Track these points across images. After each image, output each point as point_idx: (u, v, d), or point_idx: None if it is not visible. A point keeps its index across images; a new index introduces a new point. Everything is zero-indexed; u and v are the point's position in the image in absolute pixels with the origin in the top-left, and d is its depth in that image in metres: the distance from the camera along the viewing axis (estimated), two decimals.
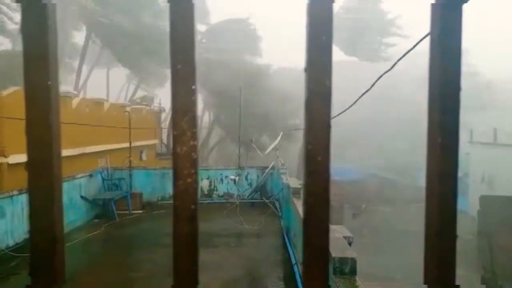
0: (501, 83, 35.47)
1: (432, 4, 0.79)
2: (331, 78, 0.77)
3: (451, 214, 0.83)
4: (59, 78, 0.83)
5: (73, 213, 9.45)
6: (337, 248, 4.43)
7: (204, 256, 7.51)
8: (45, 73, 0.79)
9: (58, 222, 0.83)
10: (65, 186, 9.25)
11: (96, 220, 10.13)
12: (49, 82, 0.79)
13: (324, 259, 0.80)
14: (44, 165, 0.80)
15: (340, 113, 5.57)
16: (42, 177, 0.80)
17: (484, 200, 16.40)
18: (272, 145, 13.17)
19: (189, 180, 0.84)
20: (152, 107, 23.16)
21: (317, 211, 0.79)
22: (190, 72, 0.78)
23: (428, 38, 0.81)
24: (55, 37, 0.80)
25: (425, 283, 0.82)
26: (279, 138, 13.53)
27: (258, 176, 12.56)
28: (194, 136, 0.81)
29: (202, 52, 25.12)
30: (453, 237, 0.82)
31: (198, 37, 26.56)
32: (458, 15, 0.79)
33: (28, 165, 0.80)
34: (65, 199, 9.09)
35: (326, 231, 0.80)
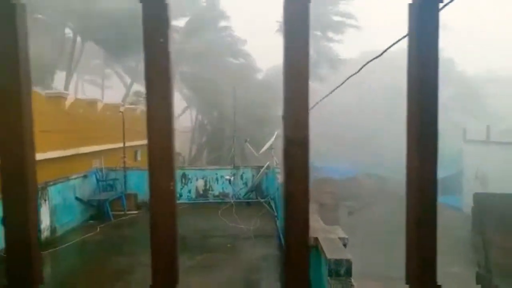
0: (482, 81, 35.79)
1: (409, 4, 0.80)
2: (308, 126, 0.77)
3: (431, 214, 0.83)
4: (31, 80, 0.81)
5: (68, 214, 9.39)
6: (332, 249, 4.44)
7: (200, 256, 7.50)
8: (15, 75, 0.77)
9: (32, 226, 0.82)
10: (59, 187, 9.20)
11: (91, 221, 10.07)
12: (20, 85, 0.77)
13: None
14: (17, 170, 0.79)
15: (323, 98, 5.58)
16: (16, 182, 0.79)
17: (478, 198, 16.52)
18: (267, 145, 13.16)
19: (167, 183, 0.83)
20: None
21: (297, 254, 0.79)
22: (166, 85, 0.77)
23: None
24: (26, 38, 0.79)
25: (407, 283, 0.83)
26: (273, 137, 13.53)
27: (253, 176, 12.56)
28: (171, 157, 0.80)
29: (186, 47, 24.70)
30: (433, 238, 0.83)
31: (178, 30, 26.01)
32: (434, 15, 0.80)
33: (1, 170, 0.79)
34: (59, 200, 9.07)
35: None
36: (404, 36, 4.14)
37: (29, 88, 0.81)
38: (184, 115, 31.10)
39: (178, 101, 27.97)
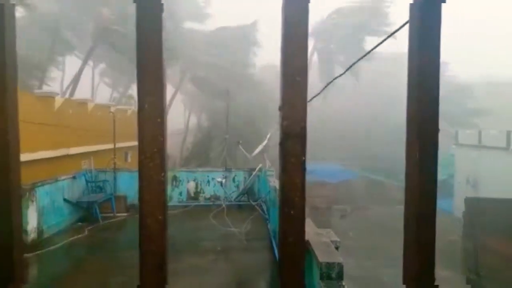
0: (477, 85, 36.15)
1: (411, 4, 0.74)
2: (306, 118, 0.71)
3: (429, 217, 0.77)
4: (17, 80, 0.74)
5: (56, 216, 9.23)
6: (324, 253, 4.38)
7: (190, 259, 7.39)
8: (0, 75, 0.70)
9: (16, 225, 0.74)
10: (48, 188, 9.03)
11: (80, 223, 9.91)
12: (5, 85, 0.70)
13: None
14: (1, 171, 0.71)
15: (317, 94, 5.51)
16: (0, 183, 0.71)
17: (470, 202, 16.59)
18: (260, 147, 13.09)
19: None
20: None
21: (293, 255, 0.71)
22: (159, 110, 0.70)
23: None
24: (13, 38, 0.72)
25: (404, 283, 0.78)
26: (266, 139, 13.46)
27: (245, 178, 12.47)
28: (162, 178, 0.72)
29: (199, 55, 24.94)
30: (432, 239, 0.77)
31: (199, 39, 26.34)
32: (436, 14, 0.74)
33: None
34: (47, 201, 8.90)
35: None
36: (389, 36, 4.09)
37: (15, 93, 0.75)
38: (177, 117, 31.02)
39: (175, 103, 27.89)
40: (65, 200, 9.77)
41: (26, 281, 0.89)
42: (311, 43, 29.76)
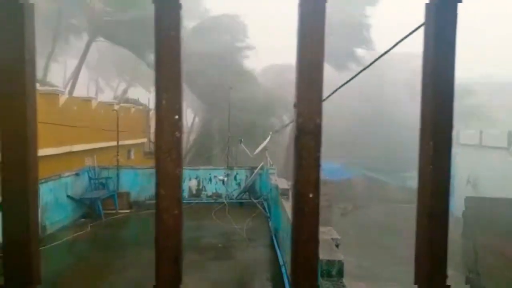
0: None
1: (426, 4, 0.78)
2: (321, 114, 0.76)
3: (442, 228, 0.83)
4: (35, 80, 0.81)
5: (59, 212, 9.32)
6: (325, 250, 4.45)
7: (191, 256, 7.47)
8: (20, 75, 0.77)
9: (33, 224, 0.81)
10: (51, 185, 9.11)
11: (83, 220, 10.00)
12: (25, 85, 0.77)
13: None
14: (19, 166, 0.78)
15: (332, 93, 5.54)
16: (17, 178, 0.78)
17: (469, 201, 16.64)
18: (262, 145, 13.15)
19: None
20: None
21: (306, 253, 0.78)
22: (176, 107, 0.76)
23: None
24: (33, 39, 0.78)
25: (415, 283, 0.82)
26: (268, 138, 13.52)
27: (247, 177, 12.54)
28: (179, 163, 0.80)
29: (189, 49, 24.83)
30: (444, 239, 0.83)
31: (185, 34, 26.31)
32: (453, 15, 0.78)
33: (3, 166, 0.78)
34: (51, 198, 8.99)
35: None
36: (407, 36, 4.15)
37: (34, 89, 0.81)
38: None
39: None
40: (68, 196, 9.86)
41: (40, 282, 0.94)
42: None
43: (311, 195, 0.77)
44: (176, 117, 0.80)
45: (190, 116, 34.99)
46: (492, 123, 29.48)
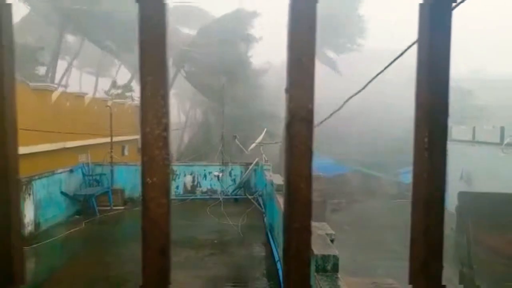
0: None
1: (420, 4, 0.78)
2: (313, 99, 0.75)
3: (438, 215, 0.82)
4: (15, 78, 0.80)
5: (53, 209, 9.27)
6: (319, 245, 4.46)
7: (186, 252, 7.47)
8: None
9: (15, 222, 0.79)
10: (45, 181, 9.06)
11: (77, 217, 9.96)
12: (3, 82, 0.75)
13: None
14: None
15: (327, 117, 5.58)
16: None
17: (462, 196, 16.74)
18: (257, 141, 13.15)
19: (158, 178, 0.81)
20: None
21: (298, 241, 0.77)
22: (161, 91, 0.75)
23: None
24: (11, 39, 0.77)
25: (410, 283, 0.82)
26: (263, 134, 13.53)
27: (242, 172, 12.54)
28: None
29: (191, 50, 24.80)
30: (440, 240, 0.82)
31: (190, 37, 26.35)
32: (447, 16, 0.77)
33: None
34: (44, 195, 8.94)
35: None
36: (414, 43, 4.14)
37: (13, 79, 0.79)
38: (173, 111, 30.89)
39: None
40: (62, 193, 9.81)
41: (24, 282, 0.92)
42: None
43: (302, 184, 0.76)
44: (162, 102, 0.78)
45: (191, 112, 34.88)
46: (486, 119, 29.68)
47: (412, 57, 0.90)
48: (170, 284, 0.79)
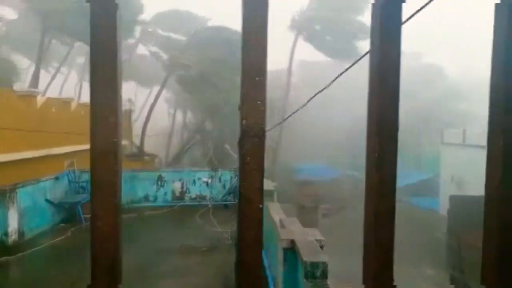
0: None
1: (372, 4, 0.74)
2: (265, 117, 0.68)
3: (388, 215, 0.75)
4: None
5: (38, 217, 9.05)
6: (309, 251, 4.39)
7: (175, 260, 7.31)
8: None
9: None
10: (29, 189, 8.85)
11: (63, 225, 9.73)
12: None
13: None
14: None
15: (290, 115, 5.49)
16: None
17: (454, 200, 16.82)
18: None
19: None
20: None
21: (251, 258, 0.67)
22: (111, 109, 0.64)
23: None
24: None
25: (363, 283, 0.75)
26: None
27: (231, 178, 12.40)
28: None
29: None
30: (391, 238, 0.75)
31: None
32: (397, 14, 0.73)
33: None
34: (29, 203, 8.71)
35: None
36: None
37: None
38: (162, 116, 30.71)
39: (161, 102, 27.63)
40: (47, 200, 9.58)
41: None
42: (292, 36, 29.60)
43: (254, 200, 0.67)
44: (112, 120, 0.68)
45: (176, 117, 34.67)
46: (476, 120, 29.93)
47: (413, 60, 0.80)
48: None
